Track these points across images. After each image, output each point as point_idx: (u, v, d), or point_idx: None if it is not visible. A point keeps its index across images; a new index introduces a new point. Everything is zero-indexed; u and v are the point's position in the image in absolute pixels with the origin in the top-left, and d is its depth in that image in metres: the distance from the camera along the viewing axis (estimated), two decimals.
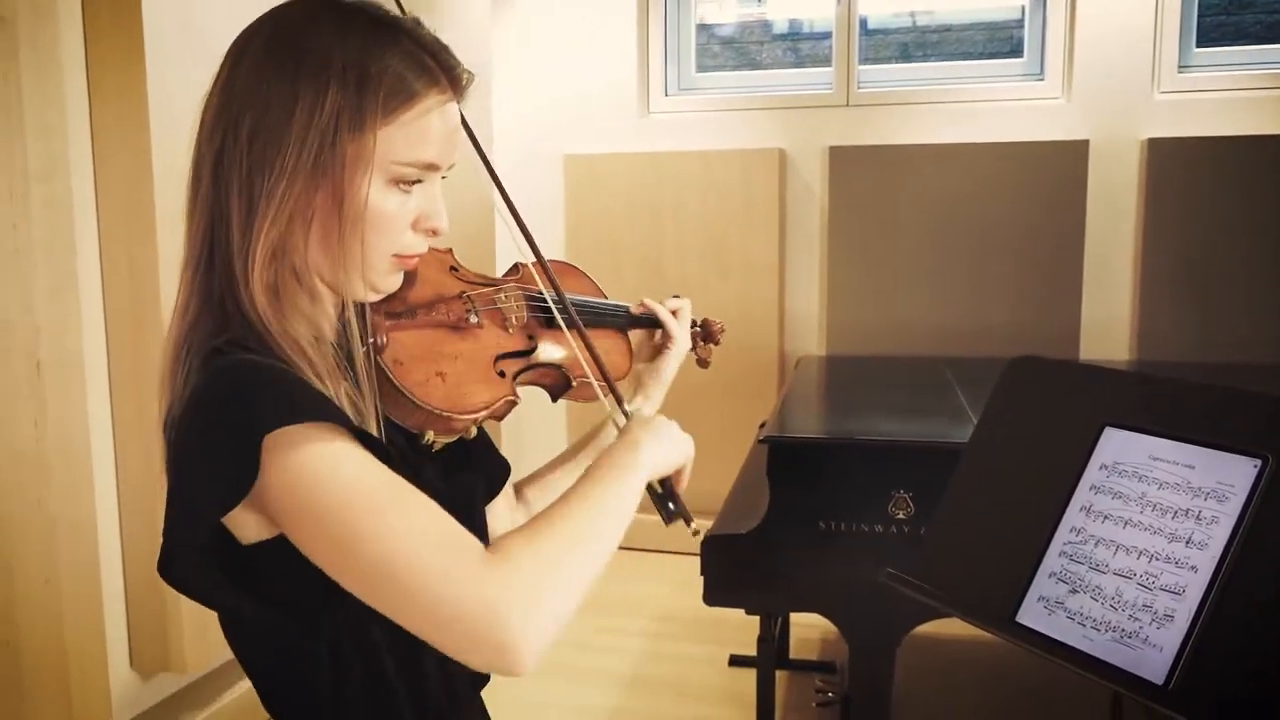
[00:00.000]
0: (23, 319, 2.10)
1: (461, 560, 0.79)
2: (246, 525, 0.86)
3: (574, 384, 1.13)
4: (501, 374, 1.04)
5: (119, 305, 2.42)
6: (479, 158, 1.09)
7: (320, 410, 0.82)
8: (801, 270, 4.16)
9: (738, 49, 4.45)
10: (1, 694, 2.09)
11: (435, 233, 0.95)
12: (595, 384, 1.10)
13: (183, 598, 2.53)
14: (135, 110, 2.35)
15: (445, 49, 0.96)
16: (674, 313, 1.30)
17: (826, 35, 4.23)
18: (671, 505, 1.03)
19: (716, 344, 1.42)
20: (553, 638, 0.81)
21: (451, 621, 0.77)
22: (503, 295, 1.11)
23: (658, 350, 1.30)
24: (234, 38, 0.93)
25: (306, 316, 0.91)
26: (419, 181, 0.92)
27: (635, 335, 1.30)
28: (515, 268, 1.19)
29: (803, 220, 4.15)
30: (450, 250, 1.12)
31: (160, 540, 0.87)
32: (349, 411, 0.88)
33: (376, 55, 0.88)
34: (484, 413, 0.99)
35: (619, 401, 1.08)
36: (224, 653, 2.72)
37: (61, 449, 2.21)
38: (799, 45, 4.38)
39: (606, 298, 1.27)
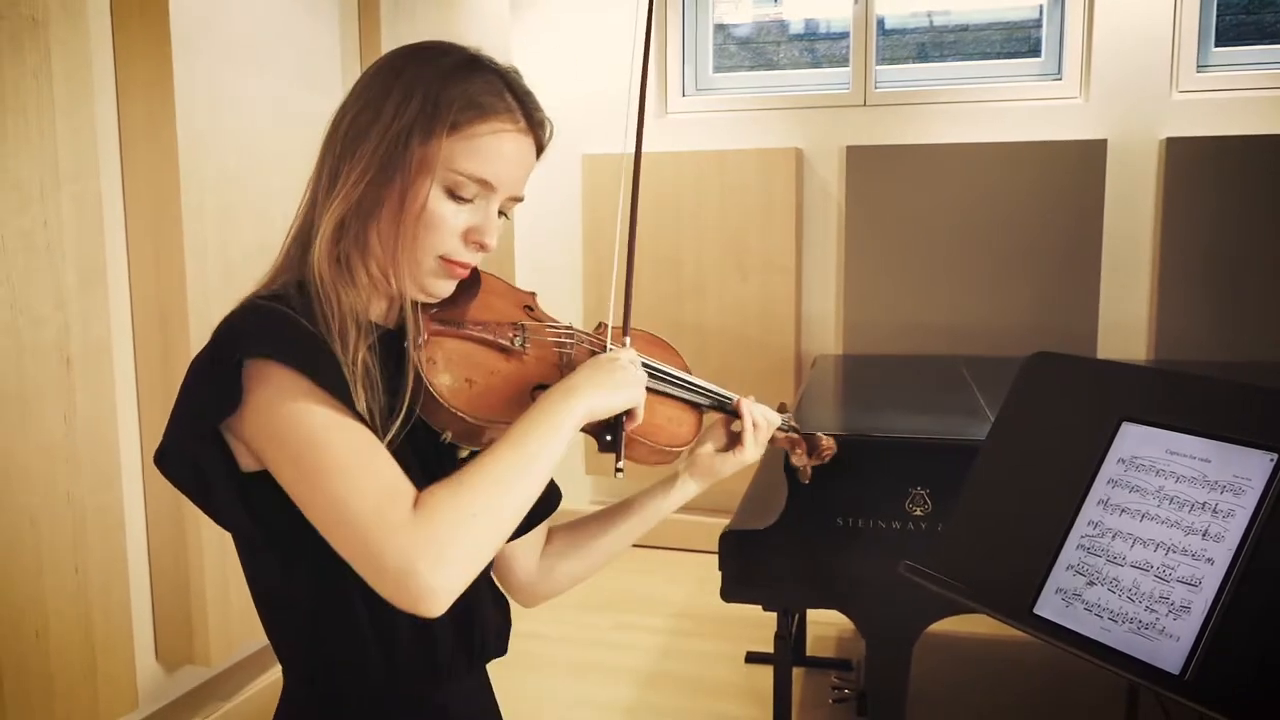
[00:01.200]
0: (53, 315, 2.14)
1: (393, 508, 0.87)
2: (241, 454, 0.94)
3: (624, 430, 1.07)
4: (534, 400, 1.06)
5: (145, 301, 2.46)
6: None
7: (310, 363, 0.91)
8: (818, 269, 4.17)
9: (754, 49, 4.47)
10: (32, 683, 2.12)
11: (483, 247, 1.02)
12: (652, 447, 1.12)
13: (208, 591, 2.56)
14: (162, 109, 2.39)
15: (532, 97, 1.05)
16: (760, 424, 1.26)
17: (842, 36, 4.24)
18: (609, 438, 1.05)
19: (822, 461, 1.36)
20: (463, 580, 0.87)
21: (374, 563, 0.86)
22: (566, 339, 1.13)
23: (726, 447, 1.27)
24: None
25: (359, 291, 1.00)
26: (475, 198, 1.01)
27: (710, 418, 1.27)
28: (600, 326, 1.19)
29: (820, 220, 4.16)
30: (535, 294, 1.17)
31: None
32: (361, 392, 0.94)
33: (462, 79, 0.99)
34: (502, 424, 1.00)
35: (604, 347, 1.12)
36: (247, 647, 2.77)
37: (90, 443, 2.24)
38: (815, 45, 4.39)
39: (689, 372, 1.25)
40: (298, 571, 0.98)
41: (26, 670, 2.11)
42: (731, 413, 1.25)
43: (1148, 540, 1.15)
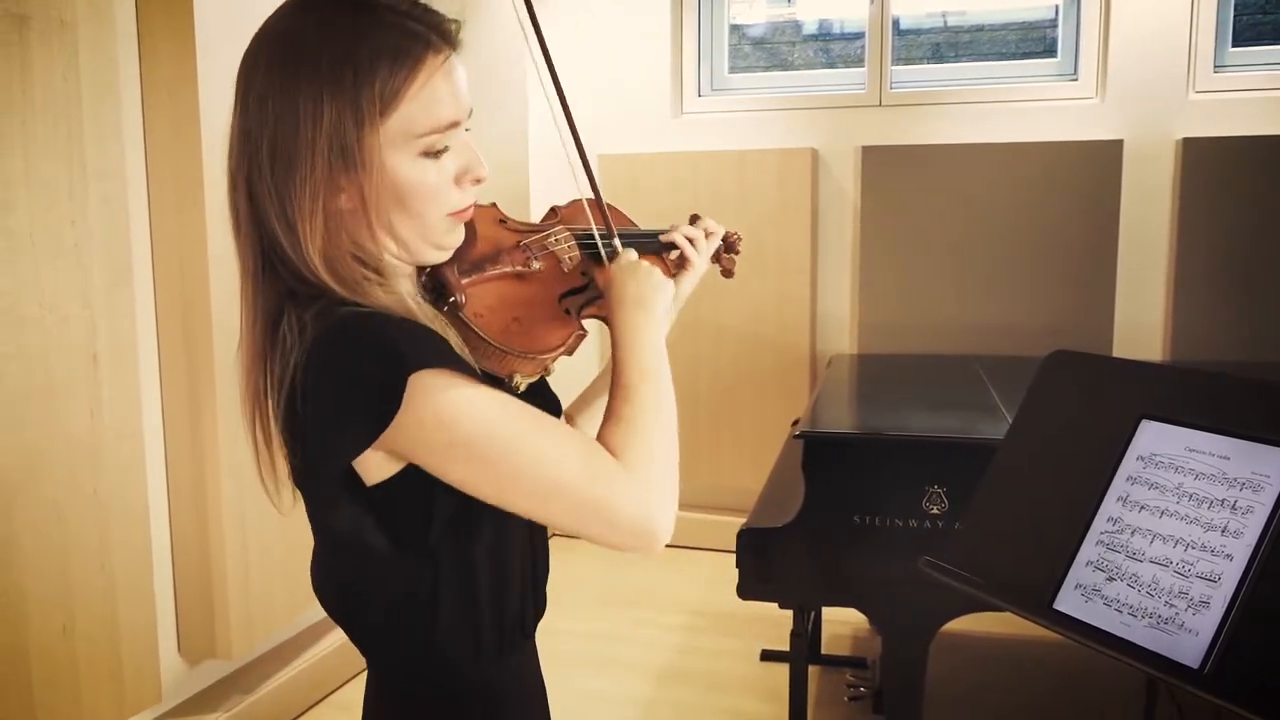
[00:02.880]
0: (81, 313, 2.17)
1: (600, 464, 0.91)
2: (372, 464, 0.93)
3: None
4: (567, 311, 1.11)
5: (170, 299, 2.49)
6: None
7: (456, 358, 0.90)
8: (833, 269, 4.18)
9: (769, 50, 4.48)
10: (60, 676, 2.15)
11: (479, 181, 1.00)
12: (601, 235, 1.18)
13: (229, 586, 2.59)
14: (186, 109, 2.42)
15: (424, 6, 0.96)
16: (695, 238, 1.33)
17: (857, 36, 4.25)
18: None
19: (737, 253, 1.48)
20: (675, 513, 0.94)
21: (607, 520, 0.90)
22: (553, 238, 1.16)
23: (677, 268, 1.32)
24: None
25: (386, 291, 0.95)
26: (449, 144, 0.96)
27: (674, 257, 1.35)
28: (552, 211, 1.25)
29: (835, 220, 4.17)
30: (495, 204, 1.18)
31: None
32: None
33: (364, 44, 0.90)
34: (560, 349, 1.06)
35: (611, 235, 1.16)
36: (268, 641, 2.80)
37: (116, 439, 2.27)
38: (830, 46, 4.40)
39: (638, 226, 1.33)
40: (426, 562, 0.98)
41: (54, 664, 2.14)
42: (674, 246, 1.33)
43: (1167, 536, 1.16)
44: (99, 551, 2.24)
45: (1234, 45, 3.83)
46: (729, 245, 1.47)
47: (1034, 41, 4.13)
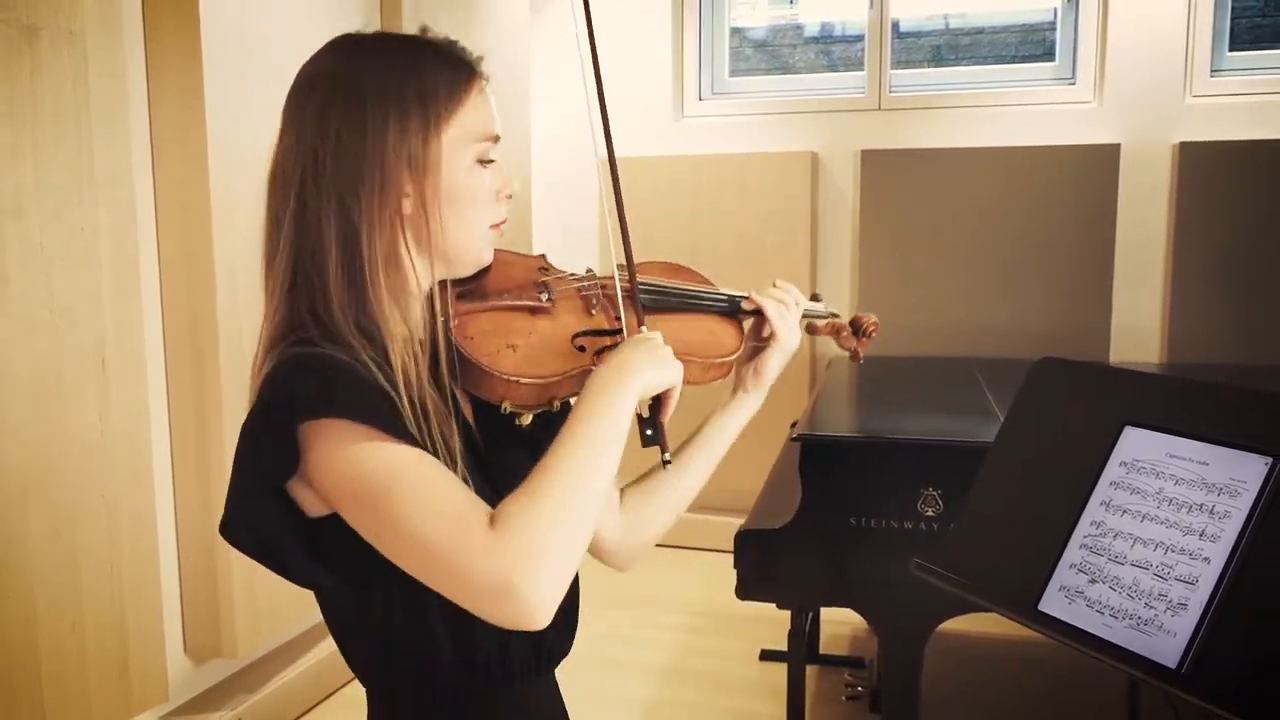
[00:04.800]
0: (90, 318, 2.21)
1: (470, 534, 0.87)
2: (307, 500, 0.96)
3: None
4: (581, 348, 1.10)
5: (176, 304, 2.52)
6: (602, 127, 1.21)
7: (359, 406, 0.91)
8: (833, 272, 4.22)
9: (769, 52, 4.51)
10: (69, 675, 2.19)
11: (509, 196, 1.07)
12: (703, 362, 1.15)
13: (235, 586, 2.62)
14: (193, 117, 2.45)
15: (455, 42, 1.06)
16: (784, 303, 1.26)
17: (858, 38, 4.28)
18: (650, 431, 1.06)
19: (869, 338, 1.39)
20: (561, 586, 0.87)
21: (470, 591, 0.87)
22: (586, 284, 1.17)
23: (764, 345, 1.26)
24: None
25: (405, 313, 1.01)
26: (494, 160, 1.04)
27: (750, 324, 1.27)
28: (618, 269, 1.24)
29: (835, 223, 4.21)
30: (544, 256, 1.21)
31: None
32: (432, 408, 0.97)
33: (422, 65, 1.00)
34: (557, 378, 1.05)
35: (637, 310, 1.11)
36: (273, 640, 2.84)
37: (124, 442, 2.31)
38: (830, 48, 4.44)
39: (714, 287, 1.28)
40: (374, 604, 1.00)
41: (63, 662, 2.18)
42: (756, 314, 1.26)
43: (1147, 540, 1.19)
44: (107, 552, 2.28)
45: (1231, 49, 3.85)
46: (859, 329, 1.37)
47: (1033, 44, 4.16)
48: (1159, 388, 1.33)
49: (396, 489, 0.89)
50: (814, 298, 1.36)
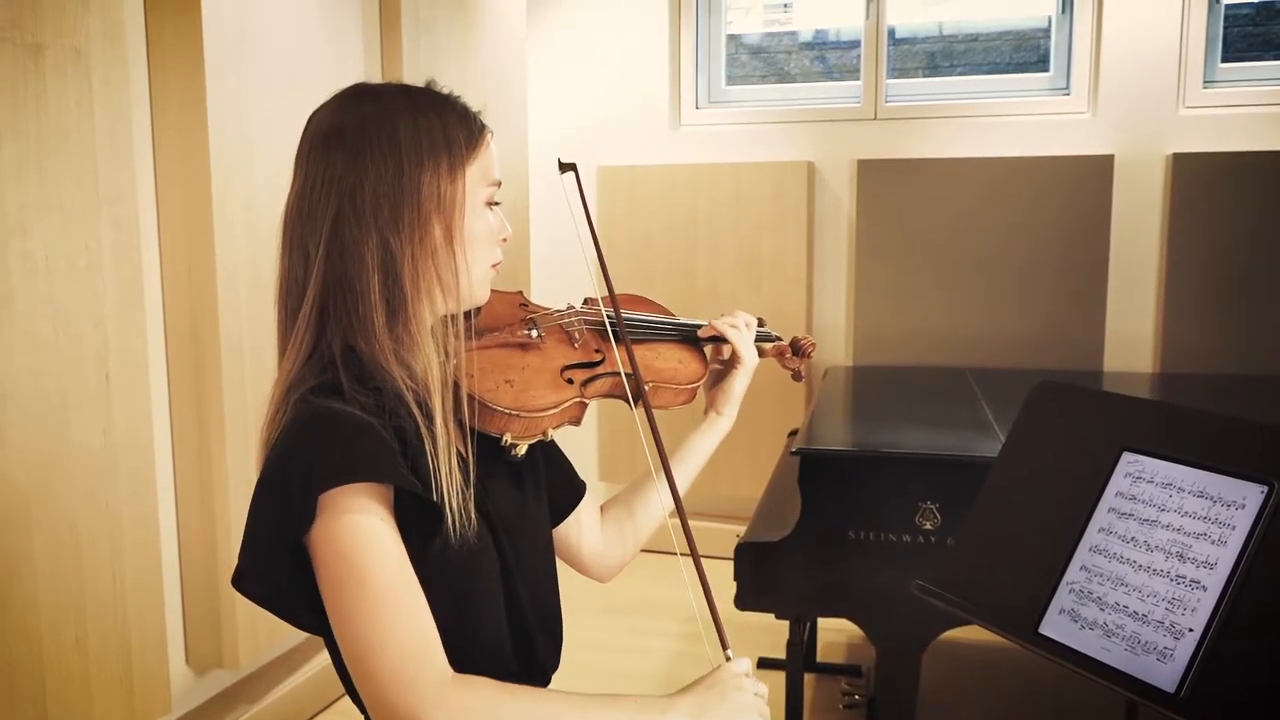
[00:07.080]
0: (94, 332, 2.22)
1: (422, 676, 0.91)
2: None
3: (646, 388, 1.23)
4: (569, 381, 1.18)
5: (178, 319, 2.54)
6: (586, 218, 1.33)
7: (374, 470, 0.96)
8: (829, 282, 4.24)
9: (765, 59, 4.53)
10: (72, 685, 2.20)
11: (505, 240, 1.15)
12: (675, 388, 1.26)
13: (236, 597, 2.63)
14: (195, 131, 2.46)
15: (459, 97, 1.14)
16: (739, 327, 1.37)
17: (853, 45, 4.31)
18: None
19: (807, 358, 1.50)
20: None
21: (385, 711, 0.91)
22: (568, 319, 1.26)
23: (727, 369, 1.38)
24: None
25: (424, 350, 1.05)
26: (497, 203, 1.12)
27: (709, 350, 1.39)
28: (586, 301, 1.34)
29: (831, 232, 4.23)
30: (520, 292, 1.29)
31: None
32: (441, 440, 1.01)
33: (445, 118, 1.09)
34: (553, 410, 1.12)
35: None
36: (274, 650, 2.85)
37: (127, 455, 2.32)
38: (826, 55, 4.46)
39: (674, 316, 1.39)
40: None
41: (67, 673, 2.19)
42: (718, 340, 1.37)
43: (1146, 565, 1.22)
44: (110, 564, 2.29)
45: (1225, 58, 3.89)
46: (799, 349, 1.49)
47: (1028, 51, 4.18)
48: (1157, 414, 1.36)
49: (378, 593, 0.93)
50: (760, 323, 1.45)
